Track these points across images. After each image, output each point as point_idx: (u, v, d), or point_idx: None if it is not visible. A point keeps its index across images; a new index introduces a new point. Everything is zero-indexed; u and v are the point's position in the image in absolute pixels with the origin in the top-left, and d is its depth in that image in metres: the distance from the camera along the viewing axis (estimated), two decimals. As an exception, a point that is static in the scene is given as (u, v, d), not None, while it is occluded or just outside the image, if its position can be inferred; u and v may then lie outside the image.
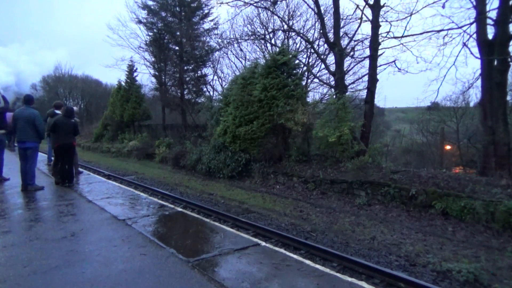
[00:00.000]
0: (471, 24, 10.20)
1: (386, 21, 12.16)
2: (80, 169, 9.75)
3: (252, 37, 17.09)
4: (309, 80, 16.15)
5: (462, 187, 7.12)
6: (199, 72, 20.81)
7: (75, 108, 10.02)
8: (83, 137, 26.83)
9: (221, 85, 19.93)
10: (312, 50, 15.64)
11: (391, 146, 20.14)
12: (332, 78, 13.74)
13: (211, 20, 20.28)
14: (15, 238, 4.11)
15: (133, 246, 3.85)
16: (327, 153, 10.61)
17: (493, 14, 9.65)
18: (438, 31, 11.00)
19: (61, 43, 77.19)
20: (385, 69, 18.02)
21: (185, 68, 20.36)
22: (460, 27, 10.51)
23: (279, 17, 15.75)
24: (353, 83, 16.07)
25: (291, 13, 16.33)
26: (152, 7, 19.90)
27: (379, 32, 11.68)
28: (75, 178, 8.04)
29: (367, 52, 12.75)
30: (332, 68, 13.33)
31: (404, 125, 26.59)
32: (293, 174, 10.53)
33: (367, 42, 12.90)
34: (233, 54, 19.26)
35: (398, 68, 12.52)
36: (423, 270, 4.99)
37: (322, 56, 15.09)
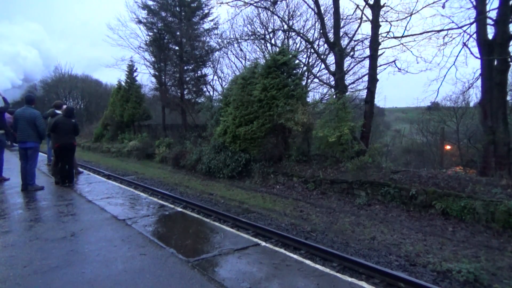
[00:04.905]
0: (471, 24, 10.20)
1: (386, 21, 12.17)
2: (80, 169, 9.75)
3: (252, 37, 17.10)
4: (309, 80, 16.17)
5: (462, 187, 7.12)
6: (199, 72, 20.82)
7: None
8: (83, 137, 26.83)
9: (221, 85, 19.97)
10: (312, 50, 15.65)
11: (391, 146, 20.14)
12: (332, 78, 13.74)
13: (211, 20, 20.30)
14: (15, 238, 4.11)
15: (133, 246, 3.85)
16: (327, 153, 10.60)
17: (493, 14, 9.66)
18: (438, 31, 11.00)
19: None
20: (385, 69, 18.07)
21: (185, 68, 20.35)
22: (460, 27, 10.51)
23: (279, 17, 15.76)
24: (353, 83, 16.09)
25: (291, 13, 16.36)
26: (152, 7, 19.88)
27: (379, 32, 11.68)
28: (74, 178, 8.04)
29: (367, 52, 12.75)
30: (332, 68, 13.33)
31: (404, 125, 26.57)
32: (293, 174, 10.53)
33: (367, 42, 12.90)
34: (233, 54, 19.30)
35: (398, 68, 12.52)
36: (423, 270, 4.99)
37: (322, 56, 15.09)
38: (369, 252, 5.64)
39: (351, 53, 14.42)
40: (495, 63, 9.45)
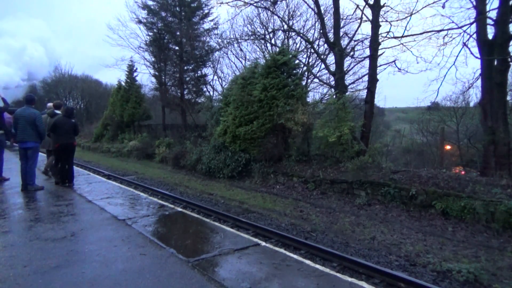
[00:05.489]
0: (471, 24, 10.21)
1: (386, 21, 12.18)
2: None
3: (252, 37, 17.11)
4: (309, 80, 16.17)
5: (462, 187, 7.12)
6: (199, 72, 20.83)
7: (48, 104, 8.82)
8: (83, 137, 26.84)
9: (221, 85, 19.99)
10: (312, 50, 15.65)
11: (391, 146, 20.12)
12: (332, 78, 13.75)
13: (211, 20, 20.31)
14: (15, 238, 4.11)
15: (133, 246, 3.85)
16: (327, 153, 10.60)
17: (493, 14, 9.68)
18: (438, 31, 11.02)
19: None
20: (385, 69, 18.07)
21: (185, 68, 20.36)
22: (460, 27, 10.53)
23: (279, 17, 15.77)
24: (353, 83, 16.10)
25: (291, 13, 16.37)
26: (152, 7, 19.89)
27: (379, 32, 11.68)
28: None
29: (367, 52, 12.76)
30: (332, 68, 13.33)
31: (404, 125, 26.58)
32: (293, 174, 10.53)
33: (367, 42, 12.91)
34: (233, 54, 19.30)
35: (398, 68, 12.53)
36: (423, 270, 4.99)
37: (322, 56, 15.09)
38: (369, 252, 5.64)
39: (351, 53, 14.43)
40: (495, 63, 9.46)
